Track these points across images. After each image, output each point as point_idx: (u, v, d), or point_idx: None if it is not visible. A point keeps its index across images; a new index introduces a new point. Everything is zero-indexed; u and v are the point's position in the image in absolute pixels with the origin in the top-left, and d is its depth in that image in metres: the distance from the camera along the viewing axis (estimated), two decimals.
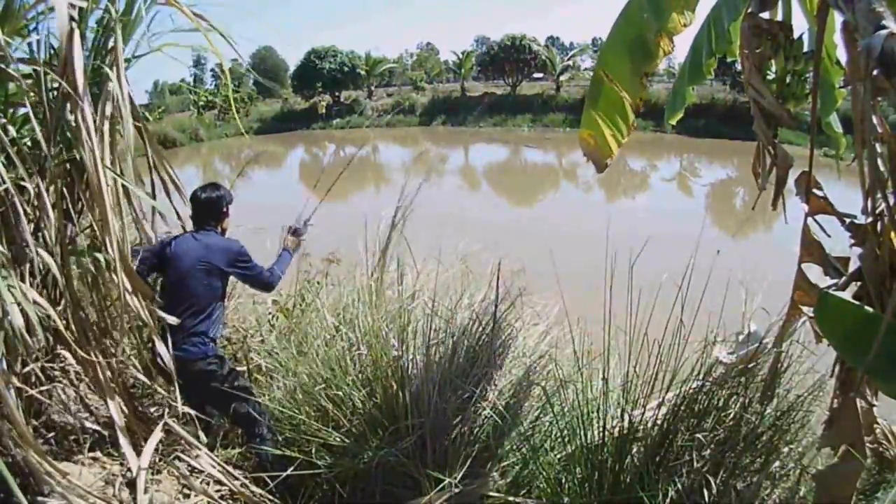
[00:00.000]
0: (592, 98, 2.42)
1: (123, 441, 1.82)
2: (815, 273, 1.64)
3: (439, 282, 2.72)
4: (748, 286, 2.26)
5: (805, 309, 1.70)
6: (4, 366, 1.61)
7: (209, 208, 2.49)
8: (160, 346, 2.04)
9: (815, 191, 1.59)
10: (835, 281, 1.55)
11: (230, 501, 2.09)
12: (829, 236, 1.58)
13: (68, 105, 1.90)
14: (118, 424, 1.84)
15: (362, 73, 31.06)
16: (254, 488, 2.09)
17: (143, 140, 2.13)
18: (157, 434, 1.97)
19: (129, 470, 1.84)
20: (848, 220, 1.51)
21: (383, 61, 33.41)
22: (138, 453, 1.87)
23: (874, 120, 1.24)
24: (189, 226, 2.55)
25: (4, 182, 1.70)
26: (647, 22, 2.09)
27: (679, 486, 1.79)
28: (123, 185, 1.96)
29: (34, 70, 1.94)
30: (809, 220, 1.61)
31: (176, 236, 2.48)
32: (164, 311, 2.12)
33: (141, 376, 2.34)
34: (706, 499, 1.75)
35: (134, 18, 2.11)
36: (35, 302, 1.70)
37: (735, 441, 1.90)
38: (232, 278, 2.65)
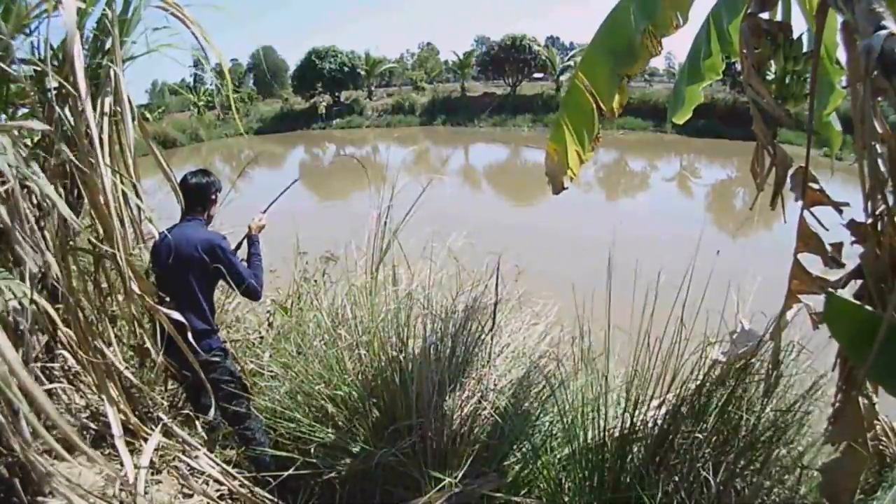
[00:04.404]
0: (566, 107, 2.35)
1: (119, 443, 1.82)
2: (815, 271, 1.64)
3: (438, 281, 2.72)
4: (746, 286, 2.26)
5: (802, 299, 1.70)
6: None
7: (197, 193, 2.52)
8: (149, 343, 2.07)
9: (811, 184, 1.59)
10: (835, 276, 1.55)
11: (230, 501, 2.09)
12: (826, 230, 1.58)
13: (69, 105, 1.91)
14: (115, 426, 1.84)
15: (362, 73, 31.04)
16: (253, 488, 2.09)
17: (145, 139, 2.14)
18: (157, 435, 1.97)
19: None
20: (848, 219, 1.51)
21: (383, 61, 33.41)
22: (138, 454, 1.88)
23: (874, 120, 1.24)
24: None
25: (6, 181, 1.71)
26: (636, 23, 2.06)
27: (679, 486, 1.79)
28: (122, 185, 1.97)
29: (35, 70, 1.94)
30: (806, 213, 1.61)
31: (163, 234, 2.45)
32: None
33: (137, 380, 2.35)
34: (706, 499, 1.75)
35: (131, 19, 2.12)
36: (35, 301, 1.70)
37: (735, 441, 1.90)
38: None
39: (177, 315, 2.11)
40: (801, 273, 1.64)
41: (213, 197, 2.58)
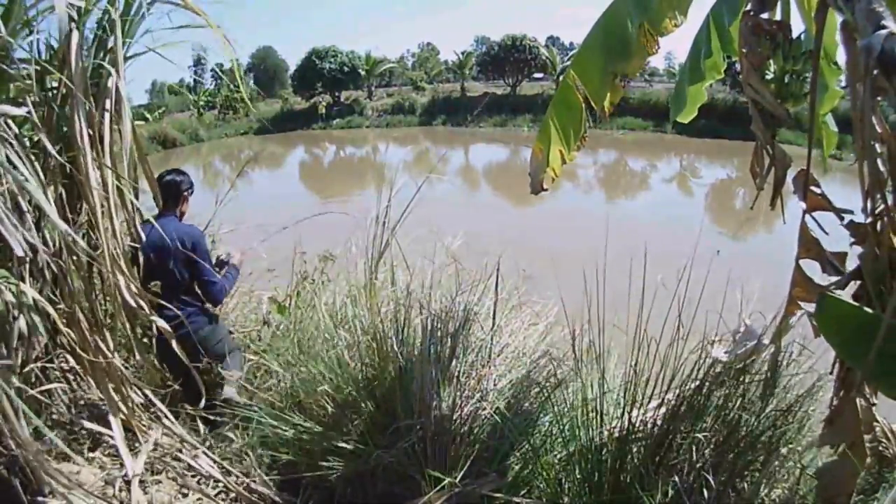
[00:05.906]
0: (555, 106, 2.32)
1: (120, 443, 1.82)
2: (814, 273, 1.64)
3: (437, 282, 2.72)
4: (746, 286, 2.25)
5: (803, 304, 1.69)
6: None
7: (169, 190, 2.72)
8: (142, 347, 2.13)
9: (812, 188, 1.59)
10: (835, 280, 1.55)
11: (229, 501, 2.09)
12: (826, 234, 1.58)
13: (68, 104, 1.91)
14: (115, 426, 1.84)
15: (362, 73, 31.05)
16: (253, 487, 2.09)
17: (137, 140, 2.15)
18: (156, 434, 1.97)
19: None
20: (847, 219, 1.51)
21: (383, 61, 33.42)
22: (137, 453, 1.88)
23: (874, 120, 1.24)
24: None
25: (6, 182, 1.71)
26: (632, 21, 2.03)
27: (679, 486, 1.79)
28: (117, 185, 1.97)
29: (35, 69, 1.94)
30: (807, 217, 1.61)
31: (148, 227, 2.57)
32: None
33: (137, 380, 2.35)
34: (706, 499, 1.75)
35: (132, 18, 2.12)
36: (35, 301, 1.70)
37: (735, 441, 1.90)
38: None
39: (162, 322, 2.22)
40: (803, 279, 1.63)
41: (185, 194, 2.78)
